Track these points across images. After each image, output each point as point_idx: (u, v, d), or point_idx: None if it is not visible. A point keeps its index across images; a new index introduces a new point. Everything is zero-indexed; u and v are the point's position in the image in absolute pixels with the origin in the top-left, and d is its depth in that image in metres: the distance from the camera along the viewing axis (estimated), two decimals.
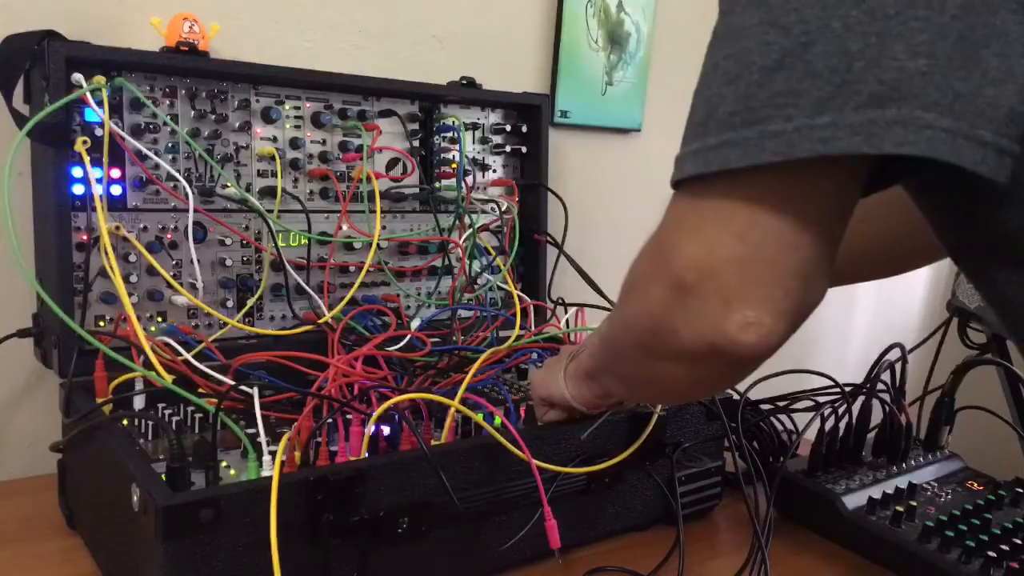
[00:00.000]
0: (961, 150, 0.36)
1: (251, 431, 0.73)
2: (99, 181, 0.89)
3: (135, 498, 0.62)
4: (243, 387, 0.77)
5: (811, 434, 0.97)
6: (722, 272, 0.42)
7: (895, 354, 1.03)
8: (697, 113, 0.43)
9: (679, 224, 0.44)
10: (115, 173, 0.93)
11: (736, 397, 0.97)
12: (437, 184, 1.18)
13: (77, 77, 0.87)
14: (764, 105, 0.39)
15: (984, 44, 0.36)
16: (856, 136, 0.37)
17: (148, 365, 0.78)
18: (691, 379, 0.51)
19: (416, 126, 1.17)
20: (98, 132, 0.89)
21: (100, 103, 0.87)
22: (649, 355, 0.50)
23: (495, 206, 1.22)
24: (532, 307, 1.13)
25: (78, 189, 0.89)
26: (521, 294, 1.17)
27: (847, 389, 1.01)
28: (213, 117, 1.00)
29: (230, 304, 1.02)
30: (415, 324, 1.08)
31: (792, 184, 0.40)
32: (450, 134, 1.20)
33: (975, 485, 1.00)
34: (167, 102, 0.97)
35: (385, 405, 0.72)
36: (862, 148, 0.37)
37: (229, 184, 0.99)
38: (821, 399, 1.01)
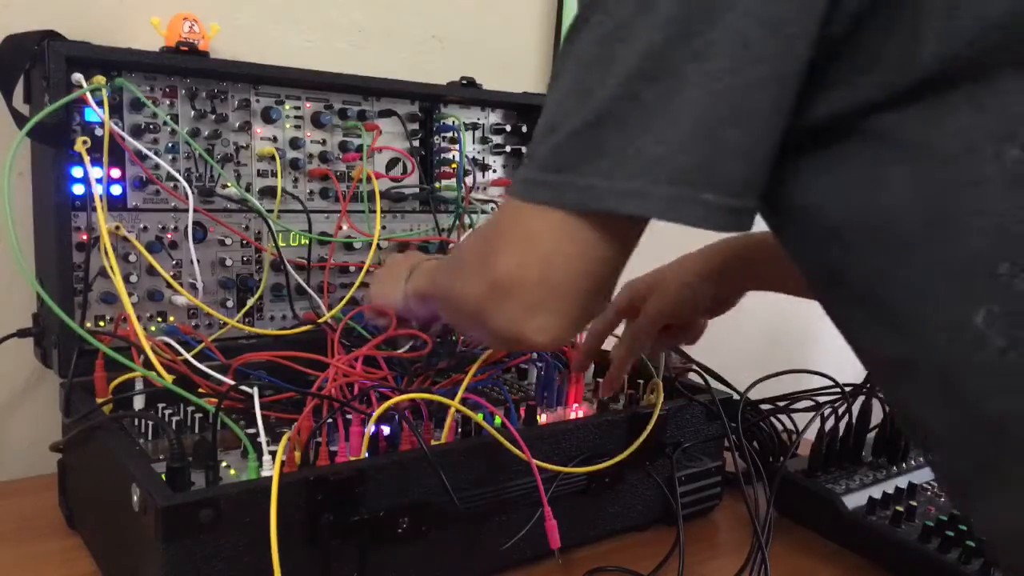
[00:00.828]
0: (682, 213, 0.46)
1: (251, 431, 0.73)
2: (99, 181, 0.89)
3: (135, 498, 0.62)
4: (243, 387, 0.77)
5: (811, 434, 0.97)
6: (528, 286, 0.52)
7: None
8: (532, 144, 0.53)
9: (505, 233, 0.54)
10: (115, 173, 0.93)
11: (736, 397, 0.98)
12: (437, 184, 1.18)
13: (77, 77, 0.87)
14: (565, 160, 0.49)
15: (730, 124, 0.46)
16: (616, 199, 0.48)
17: (148, 365, 0.78)
18: (503, 345, 0.73)
19: (416, 126, 1.17)
20: (98, 132, 0.89)
21: (100, 103, 0.87)
22: (469, 321, 0.61)
23: (495, 206, 1.22)
24: None
25: (78, 189, 0.89)
26: None
27: (847, 389, 1.01)
28: (213, 117, 1.00)
29: (230, 304, 1.02)
30: (415, 324, 1.08)
31: (587, 227, 0.50)
32: (450, 134, 1.20)
33: None
34: (167, 102, 0.97)
35: (385, 405, 0.72)
36: (617, 209, 0.48)
37: (229, 184, 0.99)
38: (821, 399, 1.01)
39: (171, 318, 0.98)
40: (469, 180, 1.20)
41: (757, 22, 0.45)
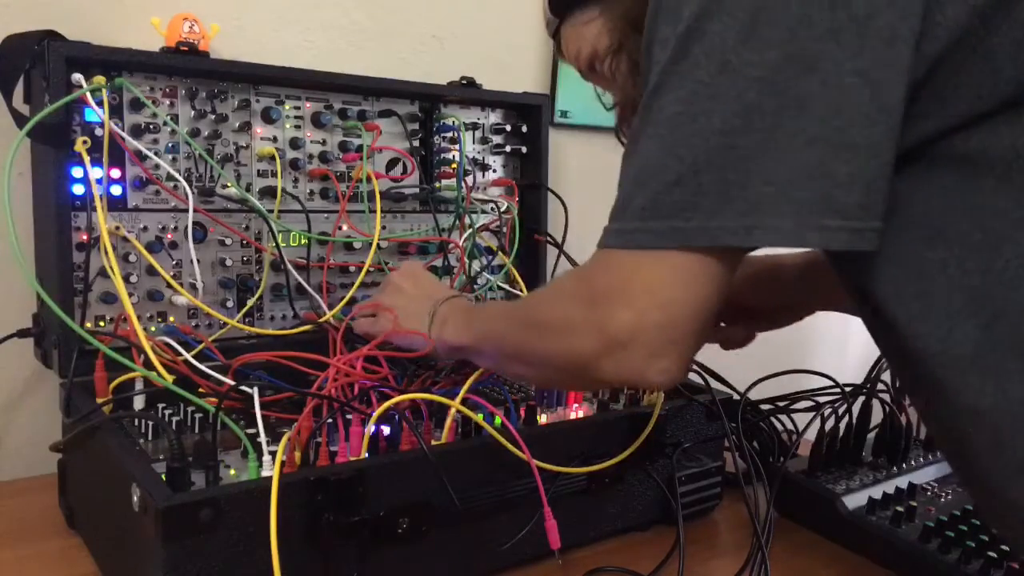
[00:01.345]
0: (807, 239, 0.52)
1: (251, 431, 0.73)
2: (99, 181, 0.89)
3: (135, 498, 0.62)
4: (243, 387, 0.77)
5: (811, 434, 0.97)
6: (649, 334, 0.56)
7: None
8: (618, 200, 0.58)
9: (612, 288, 0.58)
10: (115, 173, 0.93)
11: (736, 397, 0.98)
12: (437, 184, 1.18)
13: (77, 77, 0.87)
14: (668, 207, 0.54)
15: (835, 160, 0.51)
16: (736, 235, 0.53)
17: (148, 365, 0.78)
18: (592, 388, 0.78)
19: (416, 126, 1.17)
20: (98, 132, 0.89)
21: (100, 103, 0.87)
22: (565, 376, 0.67)
23: (495, 206, 1.22)
24: None
25: (78, 189, 0.89)
26: (521, 294, 1.17)
27: (847, 389, 1.01)
28: (213, 117, 1.00)
29: (230, 304, 1.02)
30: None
31: (697, 266, 0.55)
32: (450, 134, 1.20)
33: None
34: (167, 102, 0.97)
35: (385, 405, 0.72)
36: (740, 243, 0.53)
37: (229, 184, 0.99)
38: (821, 399, 1.01)
39: (171, 318, 0.98)
40: (469, 180, 1.20)
41: (850, 72, 0.50)
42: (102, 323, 0.93)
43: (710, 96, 0.53)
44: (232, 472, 0.73)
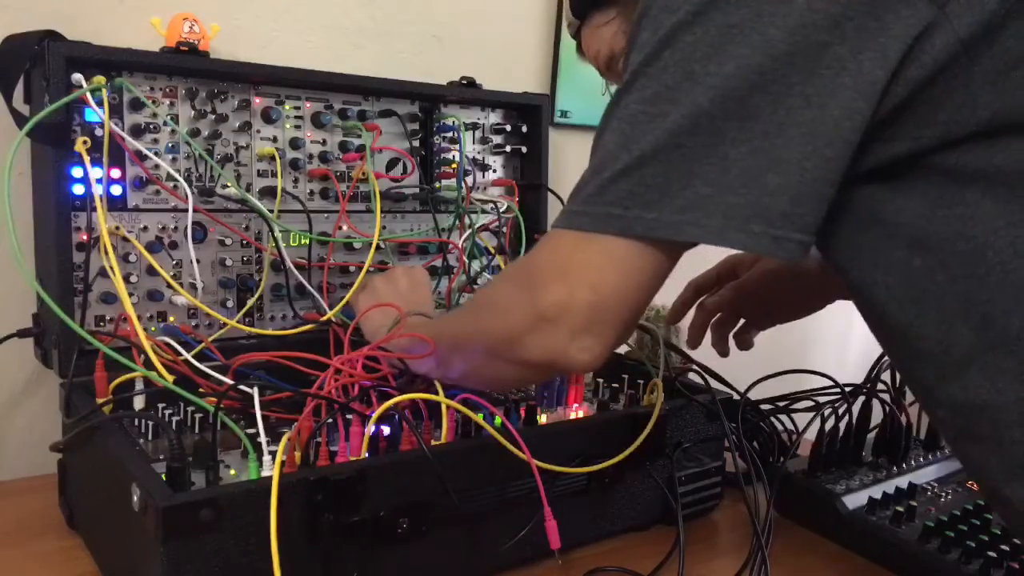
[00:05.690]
0: (731, 239, 0.54)
1: (251, 431, 0.73)
2: (99, 181, 0.89)
3: (135, 498, 0.62)
4: (243, 387, 0.77)
5: (811, 434, 0.97)
6: (576, 312, 0.58)
7: None
8: (576, 185, 0.61)
9: (549, 267, 0.61)
10: (115, 173, 0.93)
11: (736, 397, 0.98)
12: (437, 184, 1.18)
13: (77, 77, 0.87)
14: (612, 195, 0.57)
15: (769, 171, 0.54)
16: (669, 228, 0.56)
17: (149, 365, 0.78)
18: (518, 377, 0.73)
19: (416, 126, 1.17)
20: (98, 132, 0.89)
21: (100, 103, 0.87)
22: (492, 357, 0.67)
23: (495, 206, 1.22)
24: None
25: (78, 189, 0.89)
26: None
27: (847, 389, 1.01)
28: (213, 117, 1.00)
29: (230, 304, 1.02)
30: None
31: (633, 254, 0.58)
32: (450, 134, 1.20)
33: (975, 485, 1.00)
34: (167, 102, 0.97)
35: (385, 405, 0.72)
36: (673, 236, 0.56)
37: (229, 184, 0.99)
38: (821, 399, 1.01)
39: (171, 318, 0.98)
40: (469, 180, 1.20)
41: (798, 95, 0.53)
42: (102, 323, 0.93)
43: (670, 100, 0.56)
44: (232, 472, 0.74)
